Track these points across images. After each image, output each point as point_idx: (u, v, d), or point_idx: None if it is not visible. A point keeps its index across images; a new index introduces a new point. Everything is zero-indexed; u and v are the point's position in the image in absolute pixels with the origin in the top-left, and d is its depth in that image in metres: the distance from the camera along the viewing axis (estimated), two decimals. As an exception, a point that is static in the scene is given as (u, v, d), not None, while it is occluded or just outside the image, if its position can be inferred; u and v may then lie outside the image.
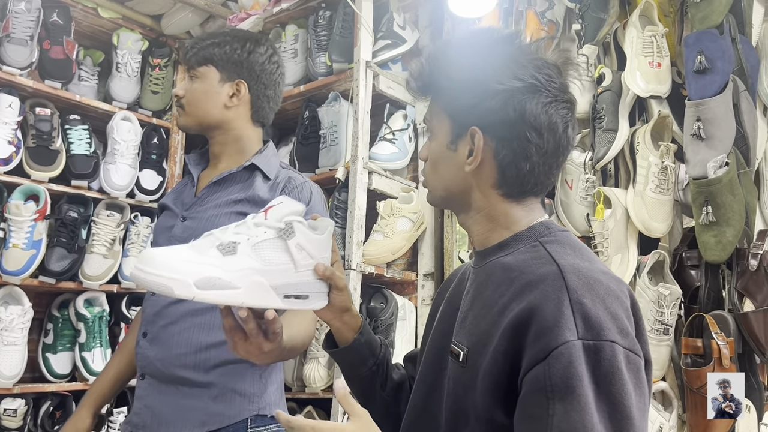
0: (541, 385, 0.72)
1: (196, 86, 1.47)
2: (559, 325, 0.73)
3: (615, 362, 0.72)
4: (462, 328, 0.87)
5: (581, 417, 0.70)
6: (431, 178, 0.94)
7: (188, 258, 0.84)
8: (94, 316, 2.27)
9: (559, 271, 0.78)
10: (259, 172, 1.46)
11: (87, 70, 2.48)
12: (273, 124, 2.44)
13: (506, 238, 0.89)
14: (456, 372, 0.85)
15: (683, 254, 1.70)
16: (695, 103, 1.62)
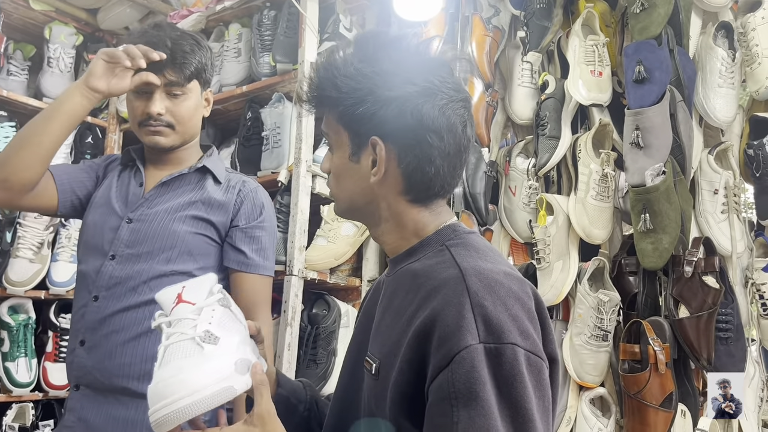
0: (446, 393, 0.71)
1: (188, 104, 1.41)
2: (460, 329, 0.72)
3: (516, 365, 0.71)
4: (375, 339, 0.85)
5: (485, 422, 0.69)
6: (336, 191, 0.91)
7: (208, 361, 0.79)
8: (18, 323, 2.14)
9: (461, 274, 0.77)
10: (210, 174, 1.46)
11: (16, 65, 2.36)
12: (214, 124, 2.40)
13: (415, 244, 0.88)
14: (369, 384, 0.83)
15: (622, 261, 1.73)
16: (634, 112, 1.64)
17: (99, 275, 1.37)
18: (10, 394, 2.12)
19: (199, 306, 0.83)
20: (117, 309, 1.32)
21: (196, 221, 1.40)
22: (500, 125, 2.02)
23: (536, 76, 1.92)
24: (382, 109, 0.83)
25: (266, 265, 1.44)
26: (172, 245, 1.37)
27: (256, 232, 1.43)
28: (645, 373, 1.52)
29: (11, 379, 2.11)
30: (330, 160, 0.91)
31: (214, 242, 1.42)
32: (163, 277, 1.35)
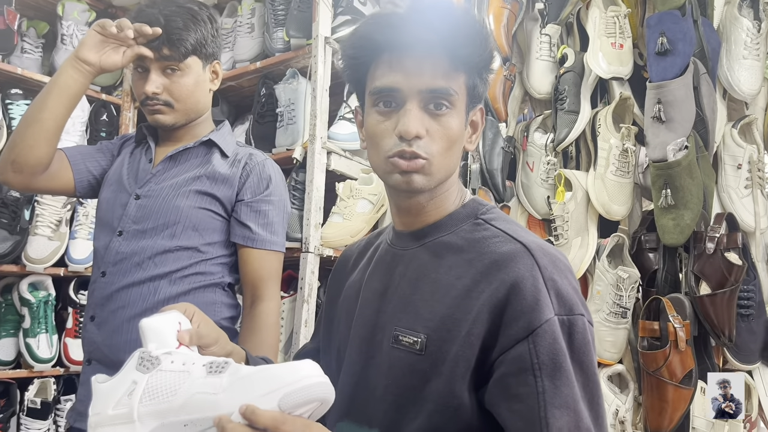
0: (528, 364, 0.73)
1: (186, 80, 1.38)
2: (538, 303, 0.75)
3: (585, 334, 0.77)
4: (406, 313, 0.83)
5: (570, 391, 0.73)
6: (441, 162, 0.83)
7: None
8: (39, 300, 2.17)
9: (525, 248, 0.79)
10: (217, 148, 1.43)
11: (30, 42, 2.35)
12: (228, 101, 2.38)
13: (443, 217, 0.87)
14: (407, 360, 0.81)
15: (642, 237, 1.70)
16: (656, 85, 1.61)
17: (107, 251, 1.38)
18: (32, 370, 2.16)
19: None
20: (123, 285, 1.33)
21: (200, 196, 1.38)
22: (518, 100, 1.98)
23: (555, 49, 1.88)
24: (492, 74, 0.87)
25: (273, 239, 1.41)
26: (176, 220, 1.36)
27: (262, 206, 1.40)
28: (664, 350, 1.51)
29: (33, 354, 2.14)
30: (442, 123, 0.83)
31: (220, 217, 1.40)
32: (167, 252, 1.35)
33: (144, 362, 0.74)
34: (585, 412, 0.74)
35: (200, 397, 0.70)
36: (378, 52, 0.84)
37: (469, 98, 0.85)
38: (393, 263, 0.90)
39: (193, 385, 0.71)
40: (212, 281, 1.40)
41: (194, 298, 1.36)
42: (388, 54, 0.83)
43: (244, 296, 1.41)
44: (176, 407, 0.71)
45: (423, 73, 0.81)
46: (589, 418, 0.75)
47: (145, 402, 0.72)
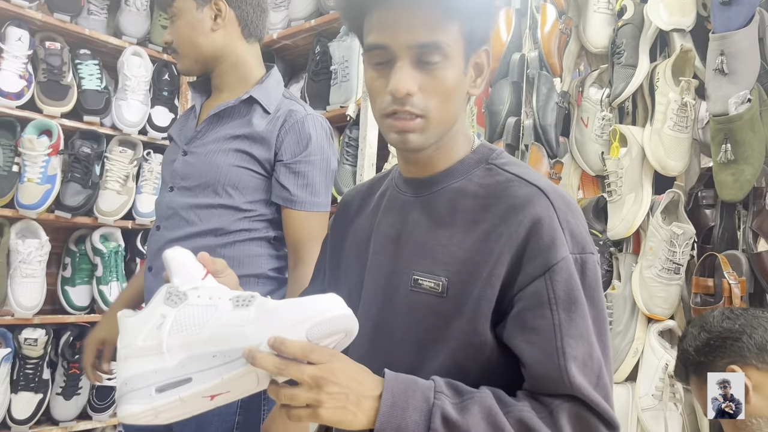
0: (544, 299, 0.78)
1: (179, 23, 1.40)
2: (554, 241, 0.79)
3: (595, 272, 0.82)
4: (424, 258, 0.85)
5: (584, 323, 0.78)
6: (439, 116, 0.82)
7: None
8: (110, 251, 2.31)
9: (541, 191, 0.83)
10: (259, 106, 1.40)
11: (96, 4, 2.44)
12: (284, 59, 2.43)
13: (454, 164, 0.88)
14: (428, 303, 0.83)
15: (699, 193, 1.67)
16: (719, 36, 1.55)
17: (160, 206, 1.45)
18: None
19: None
20: (172, 238, 1.37)
21: (239, 154, 1.37)
22: (573, 54, 1.95)
23: (613, 2, 1.83)
24: (492, 18, 0.86)
25: (314, 200, 1.37)
26: (216, 179, 1.36)
27: (300, 167, 1.36)
28: (718, 305, 1.50)
29: (105, 301, 2.29)
30: (436, 77, 0.81)
31: (261, 175, 1.38)
32: (211, 209, 1.36)
33: (172, 297, 0.75)
34: (596, 343, 0.79)
35: (228, 330, 0.71)
36: (366, 7, 0.83)
37: (467, 44, 0.83)
38: (405, 210, 0.90)
39: (221, 318, 0.72)
40: (257, 236, 1.40)
41: (239, 250, 1.37)
42: (377, 10, 0.82)
43: (289, 257, 1.40)
44: (204, 339, 0.72)
45: (411, 27, 0.79)
46: (599, 349, 0.79)
47: (173, 334, 0.73)
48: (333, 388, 0.70)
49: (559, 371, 0.76)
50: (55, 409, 2.20)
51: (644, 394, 1.60)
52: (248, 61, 1.45)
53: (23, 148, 2.11)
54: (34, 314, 2.14)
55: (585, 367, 0.77)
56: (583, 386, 0.76)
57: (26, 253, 2.10)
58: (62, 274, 2.35)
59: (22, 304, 2.09)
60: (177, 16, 1.40)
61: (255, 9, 1.44)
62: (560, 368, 0.76)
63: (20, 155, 2.13)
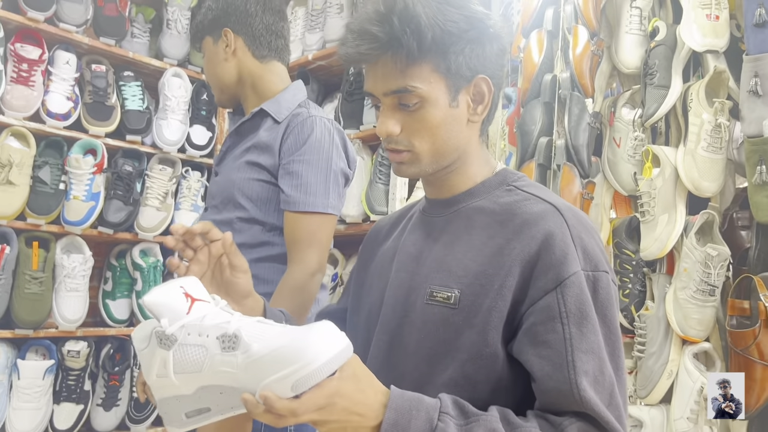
0: (555, 313, 0.79)
1: (204, 62, 1.53)
2: (566, 257, 0.80)
3: (609, 290, 0.82)
4: (440, 272, 0.87)
5: (596, 338, 0.79)
6: (428, 149, 0.86)
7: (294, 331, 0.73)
8: (149, 265, 2.38)
9: (555, 209, 0.85)
10: (269, 116, 1.44)
11: (139, 27, 2.54)
12: (318, 80, 2.49)
13: (475, 185, 0.92)
14: (441, 315, 0.85)
15: (734, 215, 1.66)
16: (753, 58, 1.55)
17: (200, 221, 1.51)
18: (143, 328, 2.38)
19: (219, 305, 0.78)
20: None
21: (250, 166, 1.40)
22: (605, 75, 1.96)
23: (646, 23, 1.84)
24: (487, 46, 0.87)
25: (308, 200, 1.33)
26: (233, 193, 1.40)
27: (294, 166, 1.35)
28: (754, 328, 1.48)
29: (144, 314, 2.36)
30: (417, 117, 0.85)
31: (271, 184, 1.38)
32: (231, 224, 1.37)
33: (162, 341, 0.74)
34: (608, 361, 0.79)
35: (224, 375, 0.72)
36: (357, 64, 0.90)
37: (450, 79, 0.85)
38: (427, 229, 0.94)
39: (214, 362, 0.72)
40: (281, 251, 1.39)
41: (263, 268, 1.37)
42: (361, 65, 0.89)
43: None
44: (207, 378, 0.73)
45: (383, 77, 0.84)
46: (611, 367, 0.79)
47: (178, 374, 0.74)
48: (332, 425, 0.72)
49: (569, 385, 0.76)
50: (95, 419, 2.27)
51: (679, 417, 1.58)
52: (266, 80, 1.50)
53: (70, 167, 2.20)
54: (77, 327, 2.21)
55: (597, 384, 0.77)
56: (593, 402, 0.76)
57: (71, 267, 2.18)
58: (103, 287, 2.43)
59: (66, 317, 2.17)
60: (203, 55, 1.53)
61: (263, 32, 1.50)
62: (570, 382, 0.76)
63: (67, 173, 2.22)
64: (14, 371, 2.08)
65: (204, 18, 1.51)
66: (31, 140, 2.17)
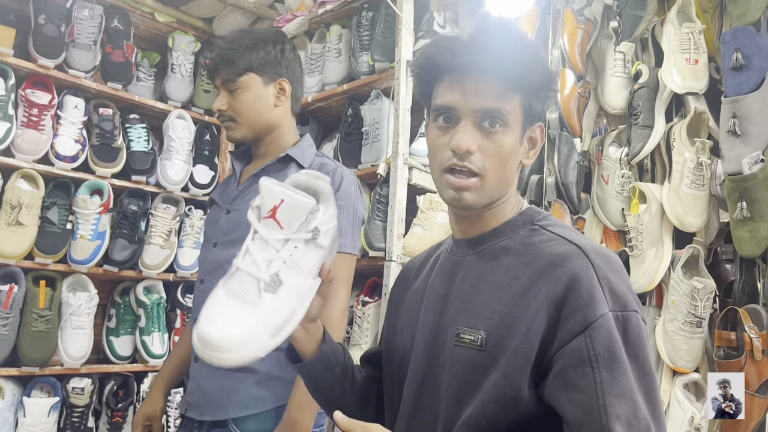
0: (585, 356, 0.78)
1: (245, 96, 1.50)
2: (593, 299, 0.80)
3: (639, 329, 0.81)
4: (467, 313, 0.89)
5: (627, 381, 0.78)
6: (495, 178, 0.90)
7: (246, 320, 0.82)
8: (152, 302, 2.43)
9: (580, 249, 0.85)
10: (294, 162, 1.52)
11: (144, 71, 2.63)
12: (318, 120, 2.57)
13: (501, 224, 0.94)
14: (468, 356, 0.86)
15: (718, 248, 1.73)
16: (731, 100, 1.64)
17: (204, 261, 1.57)
18: (147, 364, 2.42)
19: (285, 237, 0.83)
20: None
21: None
22: (593, 115, 2.04)
23: (629, 66, 1.93)
24: (551, 98, 0.94)
25: (340, 242, 1.38)
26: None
27: None
28: (740, 359, 1.53)
29: (147, 350, 2.40)
30: (495, 141, 0.89)
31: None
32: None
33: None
34: (642, 403, 0.78)
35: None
36: (439, 73, 0.92)
37: (525, 117, 0.91)
38: (454, 269, 0.95)
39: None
40: None
41: None
42: (449, 75, 0.90)
43: None
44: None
45: (477, 94, 0.88)
46: (646, 409, 0.78)
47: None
48: None
49: (601, 430, 0.75)
50: (99, 456, 2.29)
51: (671, 447, 1.62)
52: (290, 131, 1.61)
53: (77, 207, 2.27)
54: (81, 364, 2.25)
55: (630, 428, 0.75)
56: None
57: (77, 305, 2.23)
58: (107, 324, 2.48)
59: (71, 354, 2.21)
60: (242, 90, 1.51)
61: (301, 92, 1.62)
62: (603, 428, 0.75)
63: (74, 213, 2.28)
64: (20, 408, 2.12)
65: (257, 55, 1.51)
66: (40, 182, 2.24)
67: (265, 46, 1.53)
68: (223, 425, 1.42)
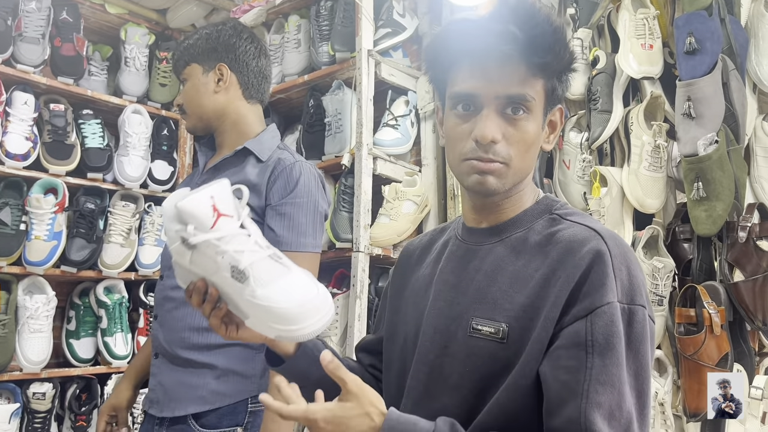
0: (582, 340, 0.77)
1: (188, 86, 1.53)
2: (603, 286, 0.78)
3: (644, 325, 0.79)
4: (484, 304, 0.86)
5: (618, 371, 0.76)
6: (519, 165, 0.87)
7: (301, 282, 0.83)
8: (114, 302, 2.37)
9: (600, 236, 0.83)
10: (252, 155, 1.48)
11: (96, 65, 2.55)
12: (279, 112, 2.54)
13: (519, 214, 0.91)
14: (488, 350, 0.84)
15: (676, 228, 1.78)
16: (685, 84, 1.68)
17: (164, 257, 1.55)
18: (110, 366, 2.36)
19: (240, 220, 0.83)
20: (173, 286, 1.42)
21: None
22: (553, 101, 2.07)
23: (587, 52, 1.96)
24: (573, 75, 0.91)
25: (300, 241, 1.41)
26: None
27: (286, 208, 1.41)
28: (700, 335, 1.58)
29: (110, 352, 2.34)
30: (519, 129, 0.86)
31: (258, 223, 1.41)
32: None
33: (185, 242, 0.82)
34: (630, 396, 0.76)
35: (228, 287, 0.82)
36: (458, 57, 0.87)
37: (548, 101, 0.88)
38: (466, 257, 0.92)
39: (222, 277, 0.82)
40: None
41: None
42: (468, 60, 0.86)
43: None
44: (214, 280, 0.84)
45: (500, 79, 0.83)
46: (634, 405, 0.76)
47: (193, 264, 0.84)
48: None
49: (578, 414, 0.74)
50: (63, 462, 2.23)
51: (637, 422, 1.67)
52: (248, 120, 1.55)
53: (30, 207, 2.19)
54: (41, 368, 2.18)
55: (611, 419, 0.74)
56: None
57: (34, 308, 2.16)
58: (66, 327, 2.40)
59: (30, 359, 2.14)
60: (186, 81, 1.54)
61: (256, 75, 1.56)
62: (580, 412, 0.74)
63: (27, 214, 2.20)
64: (-22, 417, 2.04)
65: (197, 45, 1.52)
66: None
67: (207, 35, 1.54)
68: (182, 421, 1.40)
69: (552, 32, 0.85)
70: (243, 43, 1.54)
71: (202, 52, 1.52)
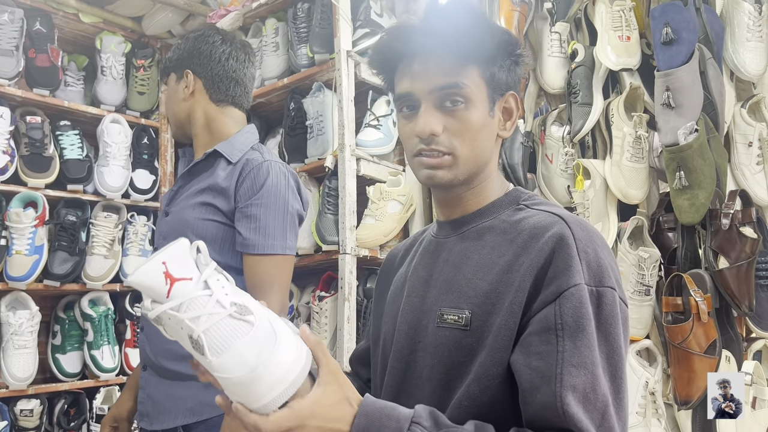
0: (551, 324, 0.77)
1: (166, 96, 1.59)
2: (569, 269, 0.78)
3: (614, 307, 0.78)
4: (451, 294, 0.87)
5: (591, 353, 0.75)
6: (467, 154, 0.87)
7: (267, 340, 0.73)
8: (99, 315, 2.34)
9: (563, 220, 0.83)
10: (223, 158, 1.45)
11: (72, 75, 2.52)
12: (259, 116, 2.52)
13: (486, 205, 0.92)
14: (452, 338, 0.84)
15: (660, 218, 1.79)
16: (663, 74, 1.69)
17: None
18: (98, 379, 2.33)
19: (201, 279, 0.75)
20: None
21: (204, 207, 1.41)
22: (533, 96, 2.08)
23: (565, 46, 1.97)
24: (519, 68, 0.91)
25: (267, 243, 1.36)
26: (186, 233, 1.33)
27: (252, 209, 1.37)
28: (688, 323, 1.59)
29: (98, 365, 2.31)
30: (461, 118, 0.87)
31: (226, 225, 1.40)
32: None
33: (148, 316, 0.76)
34: (604, 379, 0.76)
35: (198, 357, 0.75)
36: (394, 62, 0.91)
37: (490, 88, 0.88)
38: (436, 252, 0.94)
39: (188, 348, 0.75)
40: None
41: None
42: (402, 63, 0.90)
43: None
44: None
45: (430, 74, 0.86)
46: (608, 388, 0.76)
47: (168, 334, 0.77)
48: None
49: (554, 398, 0.73)
50: (53, 479, 2.19)
51: (629, 413, 1.67)
52: (220, 122, 1.52)
53: (10, 222, 2.16)
54: (28, 385, 2.15)
55: (586, 401, 0.74)
56: (577, 418, 0.72)
57: (17, 324, 2.13)
58: (52, 342, 2.37)
59: (16, 375, 2.11)
60: (166, 90, 1.58)
61: (222, 78, 1.52)
62: (556, 396, 0.73)
63: (7, 229, 2.17)
64: (-37, 438, 2.01)
65: (172, 55, 1.57)
66: (-33, 198, 2.12)
67: (180, 44, 1.57)
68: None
69: (472, 21, 0.88)
70: (208, 47, 1.52)
71: (176, 61, 1.55)
